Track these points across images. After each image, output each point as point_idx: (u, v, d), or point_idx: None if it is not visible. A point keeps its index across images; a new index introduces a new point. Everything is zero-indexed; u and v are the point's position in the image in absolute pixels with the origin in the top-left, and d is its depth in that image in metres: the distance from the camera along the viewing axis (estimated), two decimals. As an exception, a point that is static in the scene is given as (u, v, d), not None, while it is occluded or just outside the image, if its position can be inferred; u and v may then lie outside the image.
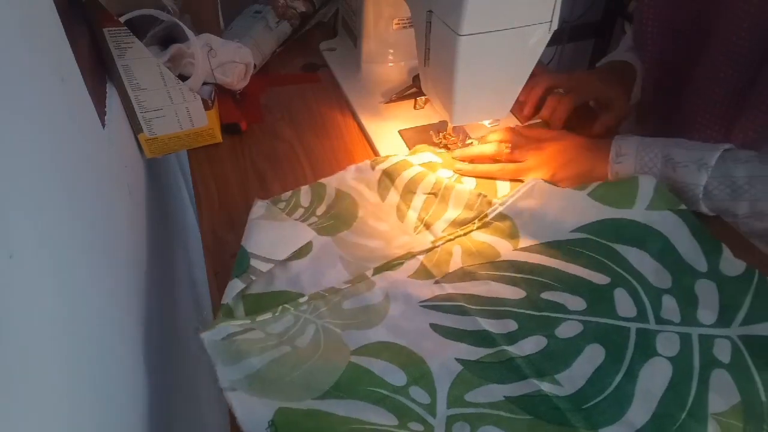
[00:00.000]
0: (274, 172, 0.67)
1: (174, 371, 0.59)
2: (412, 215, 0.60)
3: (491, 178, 0.64)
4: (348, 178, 0.64)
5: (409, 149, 0.69)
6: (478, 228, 0.57)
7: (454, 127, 0.68)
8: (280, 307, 0.49)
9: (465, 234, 0.57)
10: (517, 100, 0.65)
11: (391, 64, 0.81)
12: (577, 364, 0.46)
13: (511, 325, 0.49)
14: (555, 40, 0.63)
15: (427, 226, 0.59)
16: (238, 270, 0.51)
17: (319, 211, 0.60)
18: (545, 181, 0.60)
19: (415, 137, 0.71)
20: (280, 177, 0.66)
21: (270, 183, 0.65)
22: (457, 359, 0.47)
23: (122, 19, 0.58)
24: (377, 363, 0.46)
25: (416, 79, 0.72)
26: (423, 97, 0.75)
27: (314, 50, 0.89)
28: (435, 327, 0.49)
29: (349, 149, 0.71)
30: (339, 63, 0.85)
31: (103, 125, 0.52)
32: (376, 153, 0.70)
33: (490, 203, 0.59)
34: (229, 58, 0.70)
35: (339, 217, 0.59)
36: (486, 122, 0.72)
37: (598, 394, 0.44)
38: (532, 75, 0.60)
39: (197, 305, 0.86)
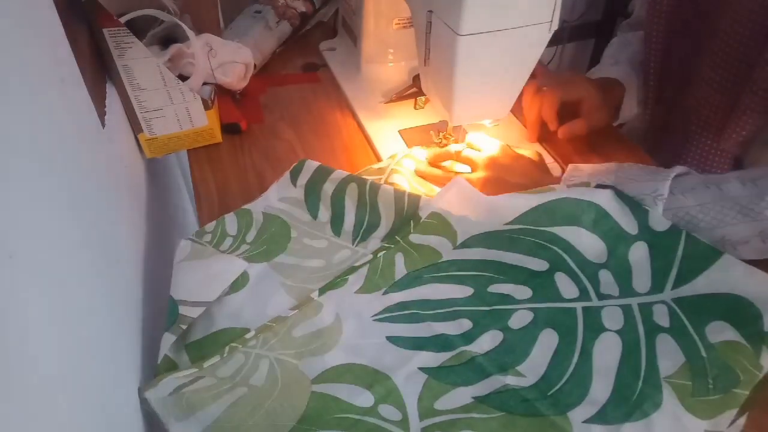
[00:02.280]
0: (273, 172, 0.67)
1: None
2: (347, 227, 0.58)
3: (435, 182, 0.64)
4: (273, 200, 0.61)
5: (410, 149, 0.69)
6: (415, 230, 0.55)
7: (454, 126, 0.68)
8: (227, 347, 0.46)
9: (403, 239, 0.55)
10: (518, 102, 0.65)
11: (391, 64, 0.81)
12: (534, 352, 0.47)
13: (466, 324, 0.49)
14: (555, 40, 0.62)
15: (365, 236, 0.57)
16: (169, 322, 0.47)
17: (249, 237, 0.57)
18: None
19: (415, 137, 0.71)
20: (280, 177, 0.66)
21: (270, 183, 0.65)
22: (420, 368, 0.46)
23: (122, 20, 0.58)
24: (341, 387, 0.44)
25: (416, 78, 0.72)
26: (423, 97, 0.75)
27: (314, 50, 0.89)
28: (392, 339, 0.48)
29: (349, 149, 0.71)
30: (339, 63, 0.85)
31: (103, 125, 0.52)
32: (375, 153, 0.70)
33: (418, 201, 0.56)
34: (229, 58, 0.70)
35: (272, 241, 0.56)
36: (486, 122, 0.72)
37: (560, 377, 0.45)
38: (532, 75, 0.60)
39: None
